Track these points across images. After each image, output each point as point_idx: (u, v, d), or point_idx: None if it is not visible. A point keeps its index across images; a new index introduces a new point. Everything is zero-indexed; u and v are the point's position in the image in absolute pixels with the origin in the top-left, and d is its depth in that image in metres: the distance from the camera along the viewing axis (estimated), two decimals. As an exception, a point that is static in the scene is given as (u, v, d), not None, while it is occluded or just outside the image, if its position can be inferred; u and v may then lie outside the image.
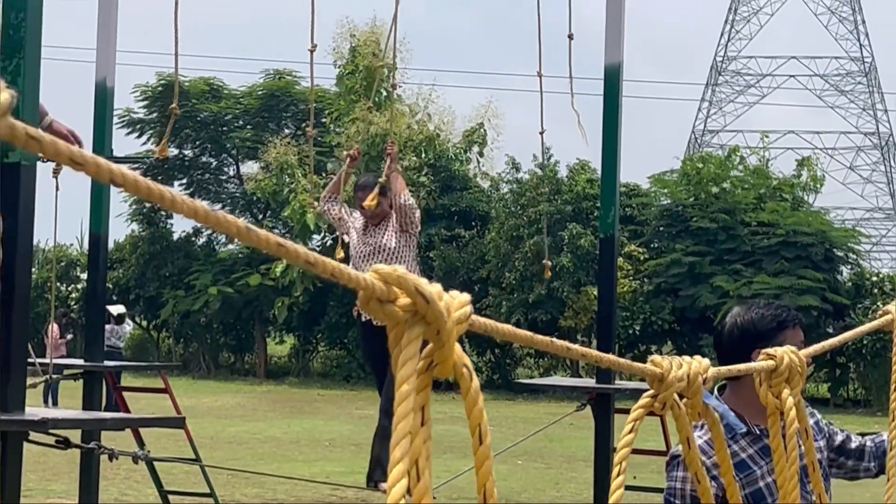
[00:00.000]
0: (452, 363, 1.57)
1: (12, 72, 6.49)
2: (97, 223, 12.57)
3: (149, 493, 14.17)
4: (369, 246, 10.01)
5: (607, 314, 11.59)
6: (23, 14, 6.55)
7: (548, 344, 1.83)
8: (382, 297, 1.49)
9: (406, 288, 1.49)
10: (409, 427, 1.50)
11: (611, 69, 11.38)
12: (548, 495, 16.05)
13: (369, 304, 1.50)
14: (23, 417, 6.25)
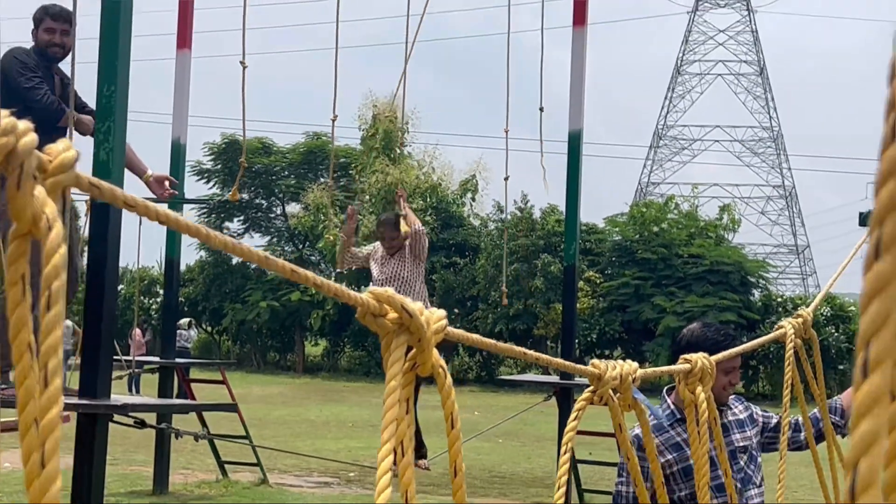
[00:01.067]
0: (431, 365, 1.57)
1: (104, 132, 6.50)
2: (171, 250, 12.60)
3: (209, 463, 14.13)
4: (385, 274, 9.92)
5: (569, 325, 11.59)
6: (113, 87, 6.56)
7: (508, 349, 1.83)
8: (375, 313, 1.50)
9: (394, 305, 1.50)
10: (396, 415, 1.50)
11: (573, 134, 11.40)
12: (521, 467, 16.00)
13: (365, 317, 1.51)
14: (108, 402, 6.23)
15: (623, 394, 2.12)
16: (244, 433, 13.36)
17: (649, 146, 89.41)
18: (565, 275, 12.11)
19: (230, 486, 13.13)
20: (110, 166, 6.28)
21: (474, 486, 14.13)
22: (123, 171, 6.48)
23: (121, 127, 6.54)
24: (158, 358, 13.03)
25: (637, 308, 37.15)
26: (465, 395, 34.07)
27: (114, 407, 6.29)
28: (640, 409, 2.22)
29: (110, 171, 6.28)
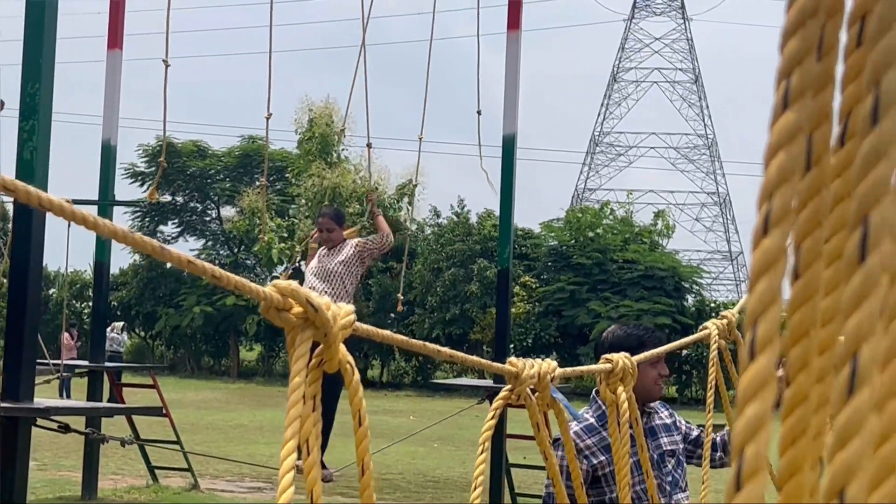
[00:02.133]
0: (338, 361, 1.52)
1: (28, 131, 6.37)
2: (101, 253, 12.43)
3: (139, 468, 13.95)
4: (321, 266, 9.76)
5: (503, 330, 11.59)
6: (37, 85, 6.43)
7: (421, 347, 1.79)
8: (279, 307, 1.45)
9: (298, 299, 1.45)
10: (300, 412, 1.45)
11: (507, 138, 11.40)
12: (456, 472, 15.96)
13: (269, 312, 1.45)
14: (31, 406, 6.11)
15: (541, 392, 2.09)
16: (175, 438, 13.21)
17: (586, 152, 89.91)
18: (499, 279, 12.10)
19: (160, 491, 12.97)
20: (34, 165, 6.16)
21: (409, 490, 14.08)
22: (48, 170, 6.35)
23: (45, 125, 6.41)
24: (87, 362, 12.84)
25: (572, 313, 37.30)
26: (402, 400, 33.99)
27: (36, 410, 6.17)
28: (558, 408, 2.18)
29: (34, 171, 6.16)
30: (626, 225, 40.12)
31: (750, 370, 0.60)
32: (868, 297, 0.57)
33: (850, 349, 0.57)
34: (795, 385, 0.69)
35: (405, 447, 18.12)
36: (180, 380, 38.22)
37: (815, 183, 0.69)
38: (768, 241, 0.61)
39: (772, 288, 0.60)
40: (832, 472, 0.57)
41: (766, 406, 0.60)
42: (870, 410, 0.57)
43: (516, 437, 11.39)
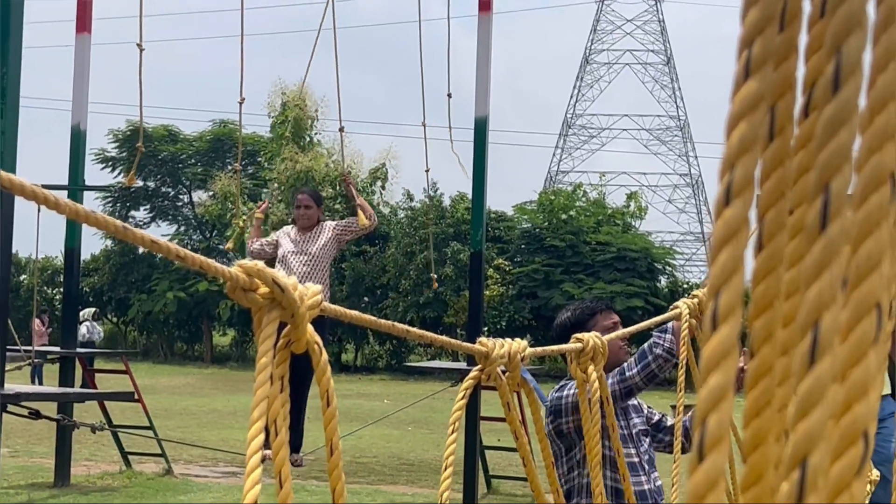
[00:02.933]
0: (306, 341, 1.51)
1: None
2: (71, 239, 12.36)
3: (113, 454, 13.91)
4: (298, 247, 9.63)
5: (476, 312, 11.60)
6: (5, 69, 6.38)
7: (390, 327, 1.78)
8: (245, 287, 1.43)
9: (264, 279, 1.44)
10: (267, 393, 1.44)
11: (479, 120, 11.39)
12: (430, 454, 15.98)
13: (235, 292, 1.44)
14: (1, 392, 6.08)
15: (512, 372, 2.09)
16: (148, 424, 13.17)
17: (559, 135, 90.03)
18: (472, 261, 12.10)
19: (134, 477, 12.94)
20: (2, 148, 6.11)
21: (383, 473, 14.10)
22: (15, 154, 6.30)
23: (13, 110, 6.37)
24: (59, 348, 12.78)
25: (546, 295, 37.37)
26: (376, 384, 34.00)
27: (7, 396, 6.13)
28: (529, 388, 2.18)
29: (1, 155, 6.11)
30: (598, 207, 40.20)
31: (712, 340, 0.60)
32: (829, 265, 0.56)
33: (811, 318, 0.57)
34: (759, 357, 0.69)
35: (379, 430, 18.13)
36: (153, 365, 38.11)
37: (779, 153, 0.68)
38: (730, 211, 0.60)
39: (734, 258, 0.60)
40: (794, 442, 0.57)
41: (728, 376, 0.59)
42: (831, 380, 0.57)
43: (490, 420, 11.41)
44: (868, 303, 0.58)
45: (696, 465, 0.60)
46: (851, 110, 0.57)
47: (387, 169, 42.78)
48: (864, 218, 0.58)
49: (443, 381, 16.97)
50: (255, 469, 1.38)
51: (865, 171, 0.58)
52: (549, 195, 41.47)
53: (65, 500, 11.34)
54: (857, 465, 0.58)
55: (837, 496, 0.59)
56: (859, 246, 0.58)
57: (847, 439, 0.58)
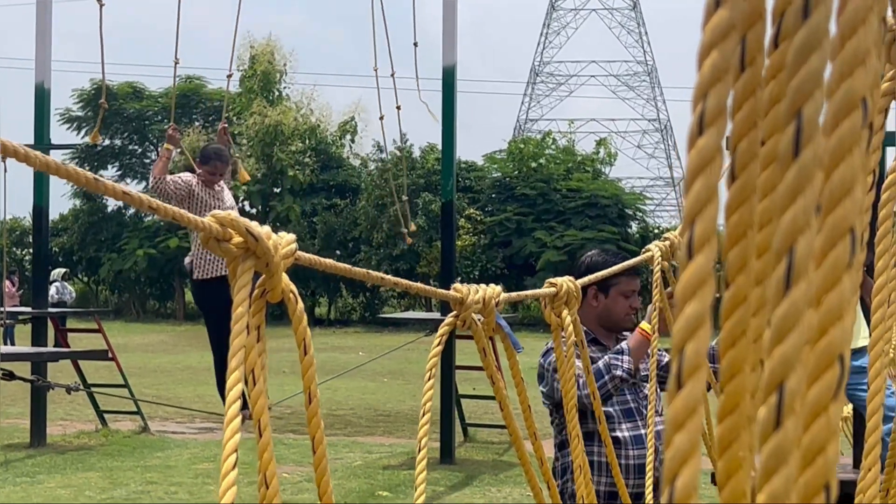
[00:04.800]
0: (281, 290, 1.52)
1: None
2: (39, 198, 12.28)
3: (88, 413, 13.90)
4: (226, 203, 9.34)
5: (448, 262, 11.63)
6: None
7: (364, 274, 1.79)
8: (219, 237, 1.43)
9: (238, 229, 1.43)
10: (245, 342, 1.45)
11: (447, 70, 11.35)
12: (406, 405, 16.06)
13: (209, 242, 1.44)
14: (-26, 354, 6.06)
15: (487, 318, 2.10)
16: (123, 382, 13.16)
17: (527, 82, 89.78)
18: (443, 212, 12.11)
19: (110, 435, 12.94)
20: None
21: (360, 425, 14.16)
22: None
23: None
24: (30, 308, 12.73)
25: (519, 243, 37.48)
26: (350, 336, 34.07)
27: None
28: (503, 334, 2.20)
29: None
30: (568, 154, 40.23)
31: (689, 269, 0.60)
32: (803, 191, 0.57)
33: (786, 243, 0.57)
34: (734, 287, 0.70)
35: (355, 383, 18.19)
36: (126, 324, 38.02)
37: (750, 83, 0.69)
38: (703, 140, 0.61)
39: (708, 186, 0.60)
40: (770, 367, 0.57)
41: (704, 304, 0.60)
42: (806, 304, 0.57)
43: (465, 369, 11.46)
44: (842, 228, 0.58)
45: (674, 393, 0.60)
46: (822, 36, 0.57)
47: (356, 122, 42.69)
48: (837, 144, 0.58)
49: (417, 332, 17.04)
50: (234, 418, 1.39)
51: (837, 96, 0.59)
52: (519, 144, 41.47)
53: (41, 459, 11.35)
54: (833, 388, 0.59)
55: (815, 419, 0.59)
56: (832, 172, 0.59)
57: (823, 363, 0.59)
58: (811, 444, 0.59)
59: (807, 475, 0.59)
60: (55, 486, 10.09)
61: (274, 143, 40.28)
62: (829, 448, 0.59)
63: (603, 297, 4.16)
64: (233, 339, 1.43)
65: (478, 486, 10.27)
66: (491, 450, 12.36)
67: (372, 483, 10.31)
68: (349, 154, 42.80)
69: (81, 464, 11.18)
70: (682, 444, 0.60)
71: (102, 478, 10.46)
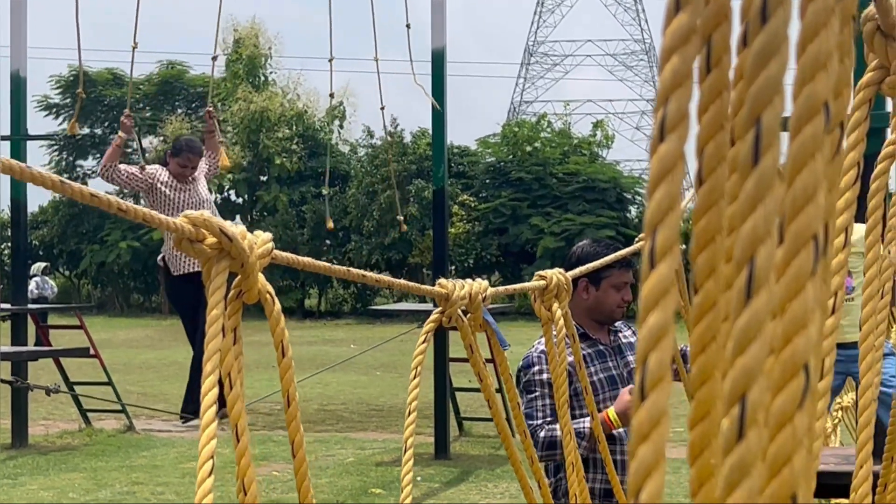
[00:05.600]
0: (257, 291, 1.53)
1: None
2: (17, 191, 12.26)
3: (71, 412, 13.90)
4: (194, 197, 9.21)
5: (440, 251, 11.64)
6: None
7: (345, 272, 1.80)
8: (192, 238, 1.44)
9: (211, 229, 1.45)
10: (220, 345, 1.46)
11: (437, 52, 11.35)
12: (400, 399, 16.06)
13: (181, 244, 1.45)
14: (-50, 354, 6.06)
15: (473, 314, 2.11)
16: (107, 380, 13.17)
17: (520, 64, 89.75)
18: (434, 199, 12.11)
19: (94, 434, 12.95)
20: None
21: (352, 420, 14.18)
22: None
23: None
24: (9, 305, 12.72)
25: (515, 230, 37.48)
26: (341, 329, 34.08)
27: (-43, 358, 6.12)
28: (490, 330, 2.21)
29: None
30: (564, 137, 40.21)
31: (651, 279, 0.61)
32: (763, 199, 0.58)
33: (746, 254, 0.58)
34: (703, 292, 0.71)
35: (347, 376, 18.21)
36: (109, 318, 37.97)
37: (716, 85, 0.70)
38: (665, 146, 0.62)
39: (670, 194, 0.62)
40: (732, 378, 0.59)
41: (667, 314, 0.61)
42: (768, 314, 0.58)
43: (460, 361, 11.49)
44: (804, 235, 0.59)
45: (638, 404, 0.61)
46: (781, 41, 0.58)
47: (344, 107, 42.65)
48: (798, 150, 0.60)
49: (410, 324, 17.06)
50: (210, 424, 1.40)
51: (798, 102, 0.60)
52: (513, 127, 41.43)
53: (23, 461, 11.36)
54: (798, 398, 0.60)
55: (780, 429, 0.61)
56: (794, 178, 0.60)
57: (787, 373, 0.60)
58: (777, 454, 0.60)
59: (772, 486, 0.60)
60: (38, 487, 10.10)
61: (260, 130, 40.25)
62: (796, 458, 0.60)
63: (594, 290, 4.17)
64: (208, 342, 1.45)
65: (473, 481, 10.30)
66: (487, 444, 12.39)
67: (365, 480, 10.33)
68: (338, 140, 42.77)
69: (65, 464, 11.19)
70: (646, 456, 0.61)
71: (87, 479, 10.48)
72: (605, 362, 4.17)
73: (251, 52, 41.69)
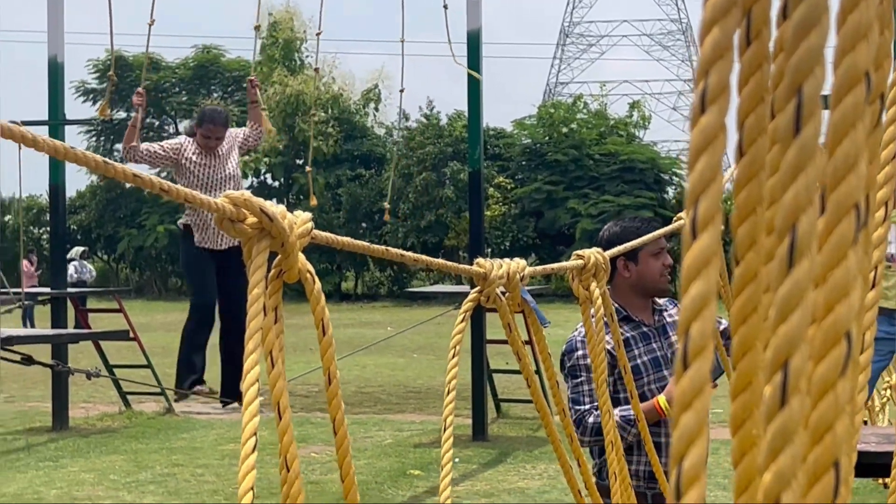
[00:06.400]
0: (298, 270, 1.54)
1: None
2: (55, 175, 12.35)
3: (111, 395, 14.03)
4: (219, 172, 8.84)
5: (477, 233, 11.65)
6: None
7: (384, 252, 1.81)
8: (233, 218, 1.46)
9: (252, 209, 1.46)
10: (262, 324, 1.47)
11: (472, 34, 11.34)
12: (437, 381, 16.11)
13: (223, 223, 1.47)
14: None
15: (511, 293, 2.12)
16: (146, 362, 13.27)
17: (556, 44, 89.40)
18: (471, 181, 12.11)
19: (134, 417, 13.08)
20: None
21: (390, 402, 14.23)
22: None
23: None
24: (49, 289, 12.84)
25: (551, 213, 37.42)
26: (378, 311, 34.17)
27: None
28: (529, 309, 2.22)
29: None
30: (600, 118, 40.09)
31: (693, 249, 0.62)
32: (804, 168, 0.58)
33: (788, 223, 0.59)
34: (744, 264, 0.71)
35: (384, 359, 18.28)
36: (148, 302, 38.22)
37: (756, 57, 0.70)
38: (706, 118, 0.62)
39: (711, 165, 0.62)
40: (775, 346, 0.59)
41: (710, 284, 0.62)
42: (810, 282, 0.59)
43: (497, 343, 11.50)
44: (846, 204, 0.60)
45: (681, 373, 0.62)
46: (821, 12, 0.59)
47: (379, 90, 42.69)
48: (840, 119, 0.60)
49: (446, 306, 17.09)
50: (252, 402, 1.41)
51: (839, 71, 0.60)
52: (549, 108, 41.33)
53: (64, 443, 11.48)
54: (840, 365, 0.61)
55: (822, 396, 0.61)
56: (835, 148, 0.60)
57: (829, 341, 0.61)
58: (819, 421, 0.61)
59: (815, 453, 0.61)
60: (79, 469, 10.20)
61: (296, 114, 40.35)
62: (838, 425, 0.61)
63: (634, 266, 4.13)
64: (250, 320, 1.46)
65: (511, 463, 10.32)
66: (525, 426, 12.41)
67: (403, 462, 10.38)
68: (373, 123, 42.81)
69: (105, 447, 11.30)
70: (689, 424, 0.62)
71: (127, 461, 10.58)
72: (649, 344, 4.12)
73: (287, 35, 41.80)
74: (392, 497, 9.02)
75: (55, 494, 9.22)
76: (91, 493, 9.26)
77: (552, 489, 9.12)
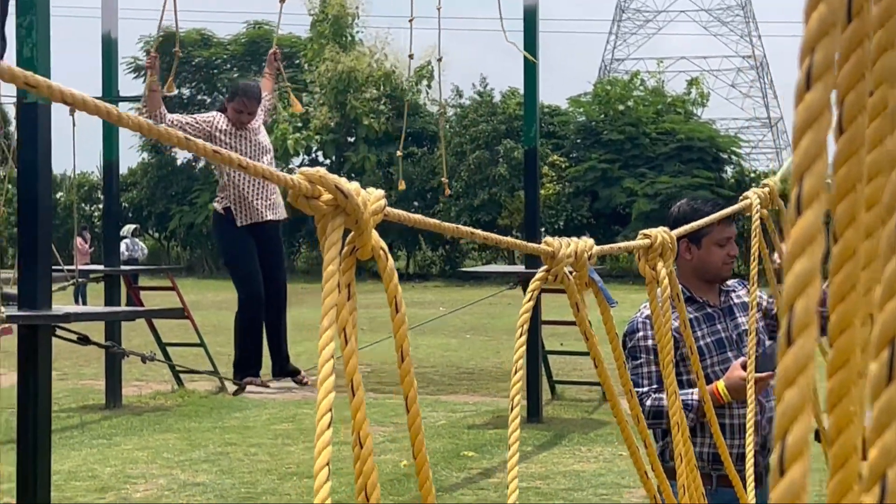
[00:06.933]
0: (371, 247, 1.56)
1: (27, 27, 6.37)
2: (109, 152, 12.50)
3: (164, 374, 14.19)
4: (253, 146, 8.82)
5: (532, 212, 11.66)
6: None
7: (454, 230, 1.83)
8: (308, 194, 1.48)
9: (327, 186, 1.48)
10: (336, 300, 1.49)
11: (528, 10, 11.33)
12: (490, 362, 16.15)
13: (298, 200, 1.49)
14: (49, 313, 6.21)
15: (579, 272, 2.13)
16: (198, 341, 13.40)
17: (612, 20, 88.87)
18: (526, 159, 12.11)
19: (186, 395, 13.22)
20: (35, 63, 6.17)
21: (442, 383, 14.28)
22: (49, 66, 6.36)
23: (44, 21, 6.41)
24: (102, 266, 13.00)
25: (606, 192, 37.28)
26: (430, 291, 34.24)
27: (55, 317, 6.27)
28: (596, 288, 2.22)
29: (36, 69, 6.16)
30: (657, 95, 39.86)
31: (798, 225, 0.63)
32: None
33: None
34: (843, 241, 0.72)
35: (437, 339, 18.34)
36: (199, 280, 38.51)
37: (857, 34, 0.71)
38: (811, 95, 0.63)
39: (817, 142, 0.63)
40: (882, 322, 0.60)
41: (814, 261, 0.63)
42: (918, 259, 0.60)
43: (552, 324, 11.51)
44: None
45: (784, 349, 0.63)
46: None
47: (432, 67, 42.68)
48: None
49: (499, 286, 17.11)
50: (327, 378, 1.43)
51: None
52: (605, 85, 41.16)
53: (117, 421, 11.63)
54: (945, 343, 0.62)
55: (926, 374, 0.62)
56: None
57: (935, 318, 0.61)
58: (923, 398, 0.62)
59: (919, 430, 0.62)
60: (132, 447, 10.34)
61: (347, 91, 40.43)
62: (942, 403, 0.62)
63: (696, 249, 4.11)
64: (324, 297, 1.48)
65: (567, 445, 10.34)
66: (580, 408, 12.42)
67: (457, 443, 10.42)
68: (426, 100, 42.81)
69: (158, 425, 11.44)
70: (793, 400, 0.63)
71: (180, 439, 10.70)
72: (714, 325, 4.10)
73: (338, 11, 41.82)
74: (446, 478, 9.07)
75: (109, 472, 9.35)
76: (145, 471, 9.39)
77: (608, 472, 9.13)
